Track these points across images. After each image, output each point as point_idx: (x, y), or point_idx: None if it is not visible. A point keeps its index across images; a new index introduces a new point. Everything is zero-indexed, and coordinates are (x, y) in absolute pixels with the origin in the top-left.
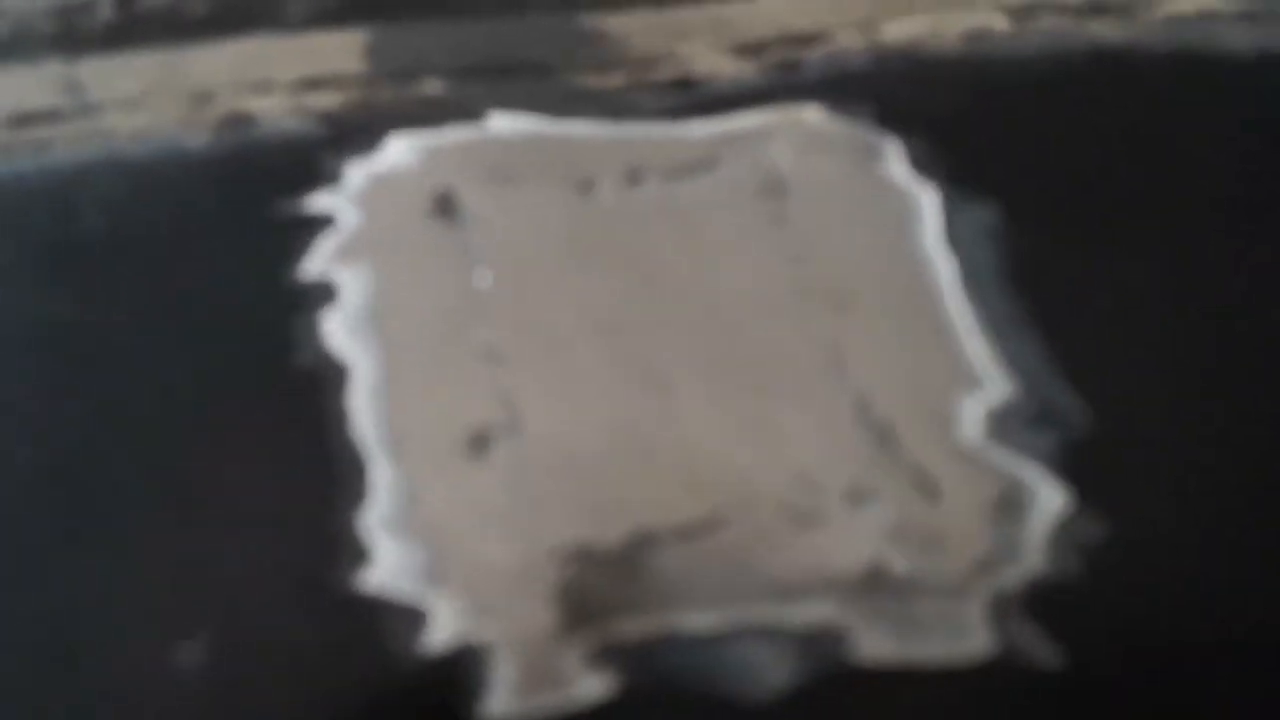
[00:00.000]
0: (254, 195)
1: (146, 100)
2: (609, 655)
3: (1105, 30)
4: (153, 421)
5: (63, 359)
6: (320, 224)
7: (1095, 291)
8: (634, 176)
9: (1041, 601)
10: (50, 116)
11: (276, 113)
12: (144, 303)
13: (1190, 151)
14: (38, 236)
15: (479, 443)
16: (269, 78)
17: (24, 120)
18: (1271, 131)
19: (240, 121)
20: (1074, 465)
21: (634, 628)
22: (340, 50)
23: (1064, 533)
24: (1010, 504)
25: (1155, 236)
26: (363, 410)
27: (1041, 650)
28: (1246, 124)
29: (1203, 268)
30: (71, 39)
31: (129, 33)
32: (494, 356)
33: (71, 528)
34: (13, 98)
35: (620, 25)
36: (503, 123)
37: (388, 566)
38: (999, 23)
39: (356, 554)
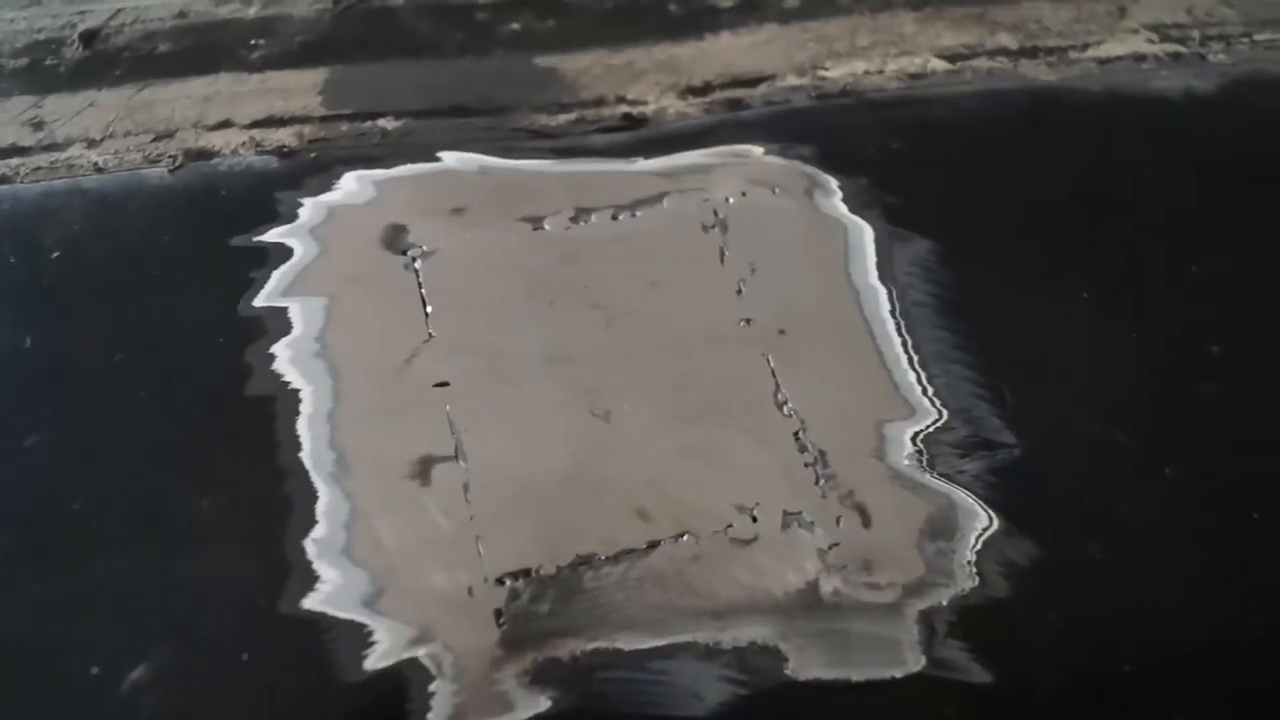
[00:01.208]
0: (213, 228)
1: (110, 136)
2: (548, 676)
3: (1038, 72)
4: (110, 446)
5: (24, 384)
6: (276, 256)
7: (1024, 323)
8: (582, 211)
9: (970, 621)
10: (16, 151)
11: (236, 149)
12: (104, 331)
13: (1119, 188)
14: (1, 266)
15: (424, 469)
16: (230, 116)
17: None
18: (1198, 168)
19: (201, 157)
20: (1001, 490)
21: (573, 648)
22: (299, 90)
23: (991, 554)
24: (940, 527)
25: (1083, 270)
26: (311, 436)
27: (971, 667)
28: (1174, 161)
29: (1129, 300)
30: (39, 76)
31: (95, 71)
32: (441, 386)
33: (28, 548)
34: None
35: (573, 66)
36: (455, 159)
37: (332, 589)
38: (937, 65)
39: (302, 576)
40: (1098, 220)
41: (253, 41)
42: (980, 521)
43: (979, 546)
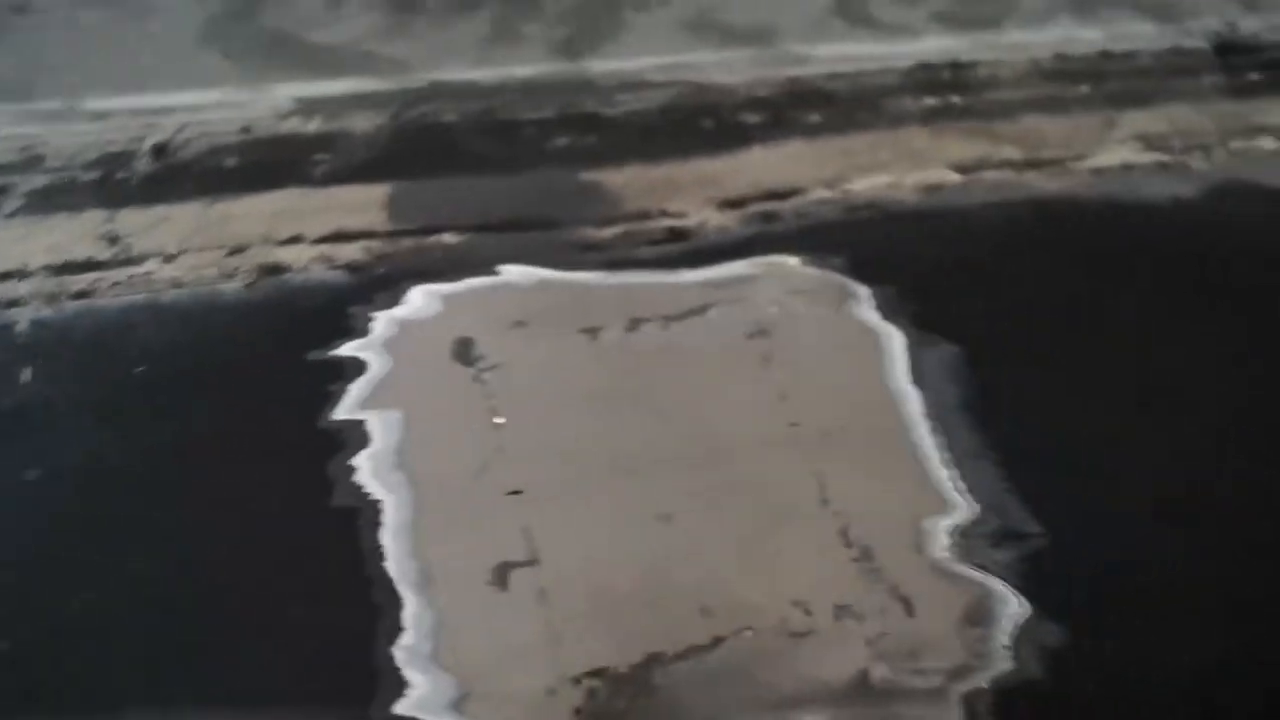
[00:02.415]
0: (288, 341)
1: (185, 251)
2: None
3: (1042, 182)
4: (197, 560)
5: (111, 501)
6: (351, 369)
7: (1046, 420)
8: (635, 322)
9: (1009, 702)
10: (93, 265)
11: (307, 264)
12: (187, 446)
13: (1121, 287)
14: (85, 380)
15: (502, 575)
16: (299, 231)
17: (67, 269)
18: (1188, 266)
19: (273, 272)
20: (1033, 578)
21: None
22: (363, 205)
23: (1026, 639)
24: (978, 614)
25: (1095, 367)
26: (395, 546)
27: None
28: (1166, 260)
29: (1140, 393)
30: (111, 190)
31: (165, 185)
32: (514, 494)
33: (128, 666)
34: (56, 247)
35: (616, 179)
36: (515, 273)
37: (420, 695)
38: (950, 177)
39: (391, 683)
40: (1104, 319)
41: (316, 157)
42: (1014, 608)
43: (1014, 631)
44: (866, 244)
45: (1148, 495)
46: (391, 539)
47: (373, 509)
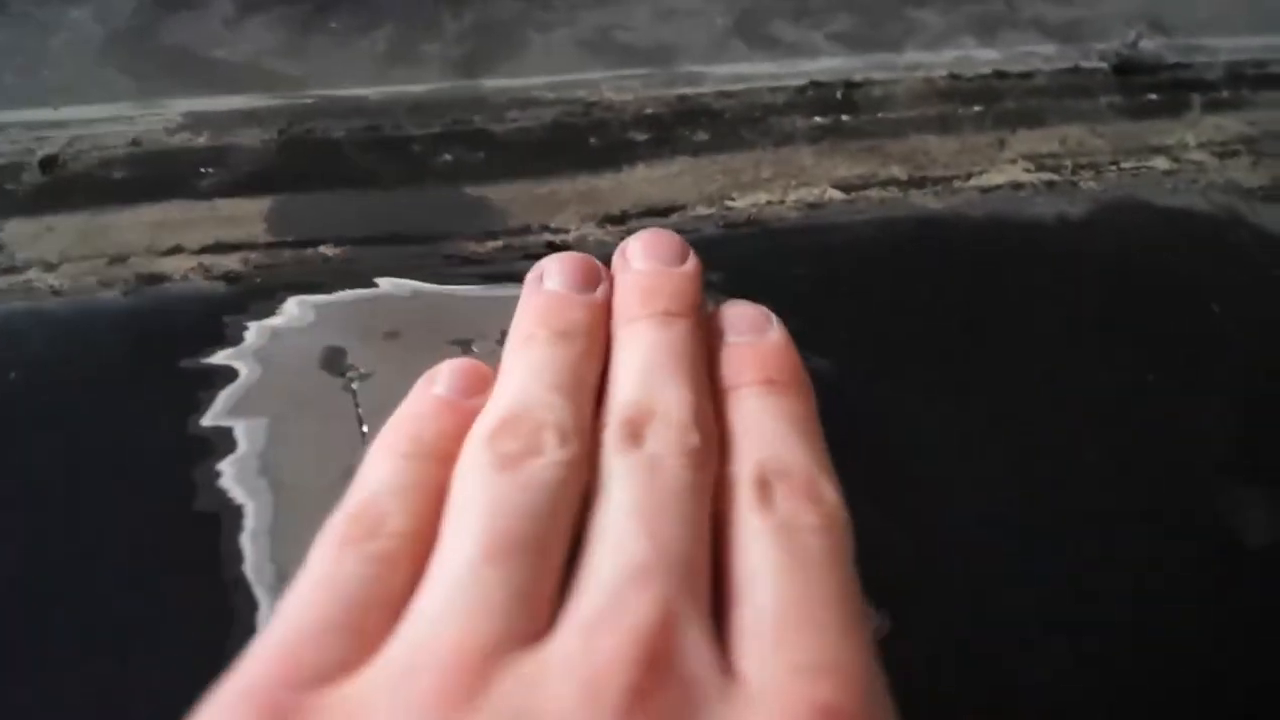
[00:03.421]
0: (164, 350)
1: (66, 260)
2: None
3: (927, 200)
4: (62, 563)
5: None
6: (222, 376)
7: (926, 442)
8: (506, 335)
9: None
10: None
11: (186, 274)
12: (56, 451)
13: (1003, 304)
14: None
15: None
16: (180, 241)
17: None
18: (1074, 285)
19: (153, 281)
20: (895, 594)
21: None
22: (245, 217)
23: (882, 654)
24: None
25: (977, 387)
26: (253, 550)
27: None
28: (1052, 279)
29: (1019, 413)
30: None
31: (52, 196)
32: None
33: None
34: None
35: (502, 195)
36: (390, 284)
37: None
38: (834, 195)
39: None
40: (983, 337)
41: (203, 170)
42: (872, 623)
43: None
44: (744, 260)
45: (1025, 518)
46: (250, 543)
47: (235, 513)
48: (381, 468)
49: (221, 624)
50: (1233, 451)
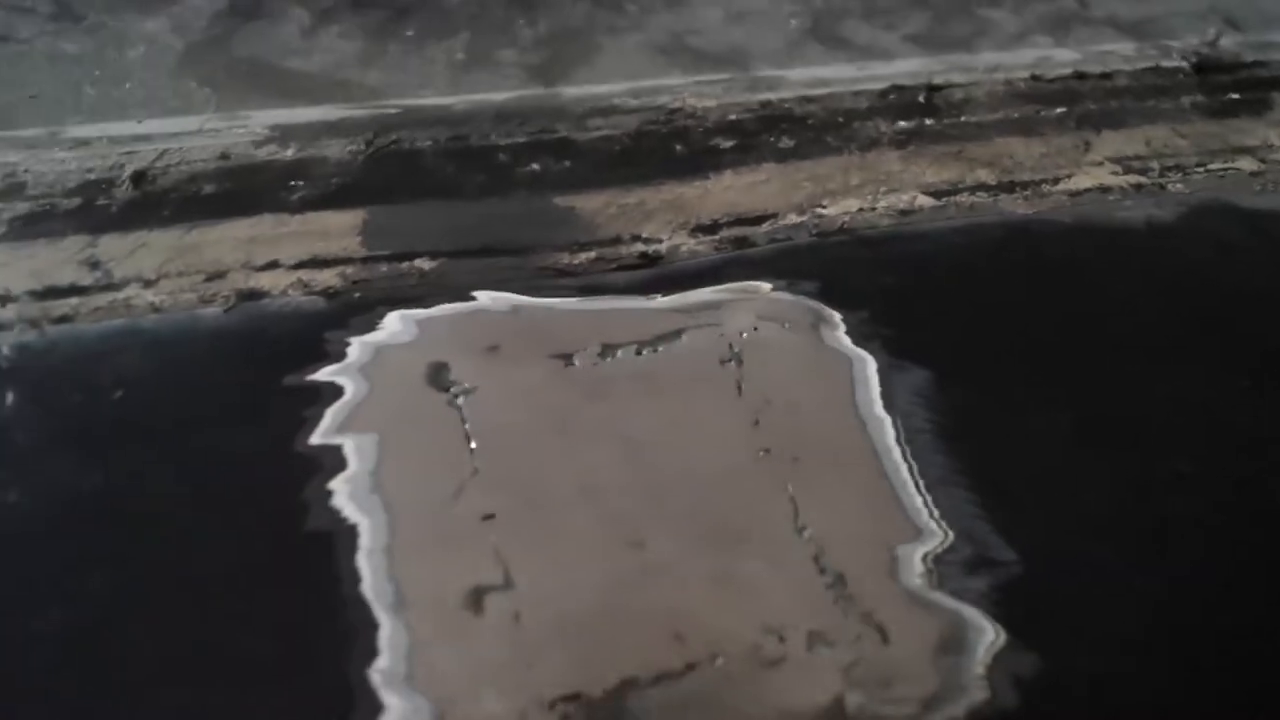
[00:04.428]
0: (265, 367)
1: (165, 276)
2: None
3: (1016, 205)
4: (173, 585)
5: (87, 524)
6: (327, 393)
7: (1017, 444)
8: (608, 347)
9: None
10: (75, 290)
11: (285, 289)
12: (162, 471)
13: (1094, 310)
14: (64, 405)
15: (477, 599)
16: (276, 257)
17: (49, 294)
18: (1166, 290)
19: (251, 297)
20: (1007, 606)
21: None
22: (338, 231)
23: (1000, 668)
24: (952, 643)
25: (1068, 390)
26: (370, 570)
27: None
28: (1141, 282)
29: (1113, 416)
30: (92, 216)
31: (145, 211)
32: (488, 518)
33: (95, 688)
34: (39, 272)
35: (589, 205)
36: (488, 298)
37: (395, 717)
38: (923, 201)
39: (367, 705)
40: (1074, 344)
41: (292, 182)
42: (988, 636)
43: (988, 660)
44: (838, 269)
45: (1122, 524)
46: (367, 562)
47: (349, 532)
48: None
49: (341, 644)
50: None
